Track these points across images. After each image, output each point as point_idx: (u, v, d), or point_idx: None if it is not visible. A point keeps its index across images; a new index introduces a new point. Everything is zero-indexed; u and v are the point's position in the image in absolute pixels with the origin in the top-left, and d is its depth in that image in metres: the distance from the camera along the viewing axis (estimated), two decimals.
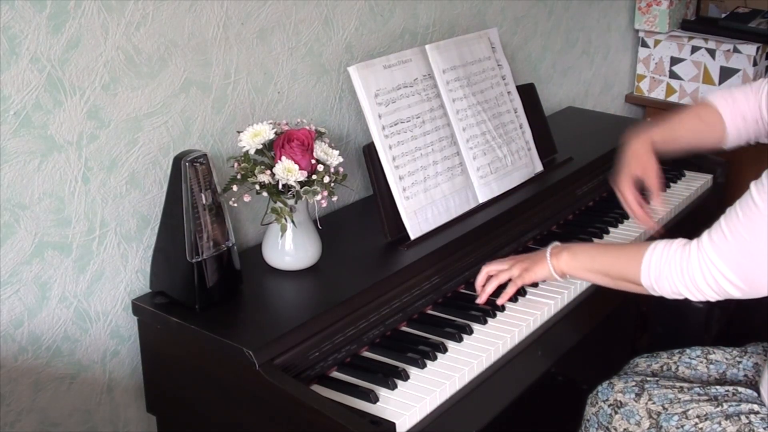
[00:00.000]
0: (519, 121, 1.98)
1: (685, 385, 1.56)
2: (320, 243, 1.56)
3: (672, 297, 1.43)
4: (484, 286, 1.61)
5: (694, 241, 1.38)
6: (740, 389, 1.52)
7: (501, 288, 1.62)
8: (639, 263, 1.43)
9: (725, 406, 1.48)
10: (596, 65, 2.76)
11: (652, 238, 1.83)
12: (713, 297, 1.38)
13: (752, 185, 1.32)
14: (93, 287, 1.47)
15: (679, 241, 1.41)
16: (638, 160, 1.74)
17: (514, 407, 1.55)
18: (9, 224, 1.33)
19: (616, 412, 1.56)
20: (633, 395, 1.56)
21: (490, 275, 1.62)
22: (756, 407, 1.47)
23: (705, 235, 1.37)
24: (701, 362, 1.68)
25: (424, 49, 1.79)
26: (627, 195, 1.75)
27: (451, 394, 1.39)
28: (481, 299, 1.60)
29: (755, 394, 1.52)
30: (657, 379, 1.60)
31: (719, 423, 1.45)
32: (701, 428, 1.46)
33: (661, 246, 1.42)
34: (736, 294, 1.35)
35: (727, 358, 1.67)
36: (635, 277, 1.45)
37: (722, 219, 1.36)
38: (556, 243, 1.61)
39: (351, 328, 1.44)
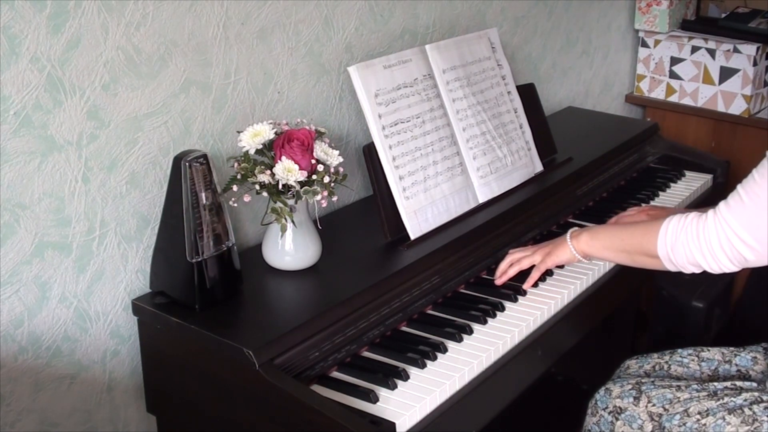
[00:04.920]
0: (519, 121, 1.98)
1: (682, 383, 1.56)
2: (320, 243, 1.56)
3: (688, 269, 1.46)
4: (505, 271, 1.66)
5: (711, 210, 1.42)
6: (738, 383, 1.53)
7: (523, 274, 1.65)
8: (655, 234, 1.47)
9: (726, 399, 1.48)
10: (596, 65, 2.76)
11: None
12: (728, 265, 1.40)
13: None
14: (93, 287, 1.47)
15: (695, 213, 1.45)
16: None
17: (514, 407, 1.55)
18: (9, 224, 1.33)
19: (617, 419, 1.56)
20: (631, 399, 1.56)
21: (513, 263, 1.66)
22: (757, 394, 1.47)
23: (722, 202, 1.41)
24: (693, 360, 1.68)
25: (424, 49, 1.79)
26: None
27: (451, 394, 1.39)
28: (500, 281, 1.65)
29: (755, 384, 1.52)
30: (652, 379, 1.60)
31: (723, 418, 1.45)
32: (704, 424, 1.46)
33: (677, 217, 1.46)
34: (752, 257, 1.37)
35: (722, 355, 1.68)
36: (652, 248, 1.48)
37: (739, 186, 1.39)
38: (575, 228, 1.66)
39: (351, 328, 1.44)
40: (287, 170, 1.43)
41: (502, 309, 1.60)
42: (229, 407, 1.39)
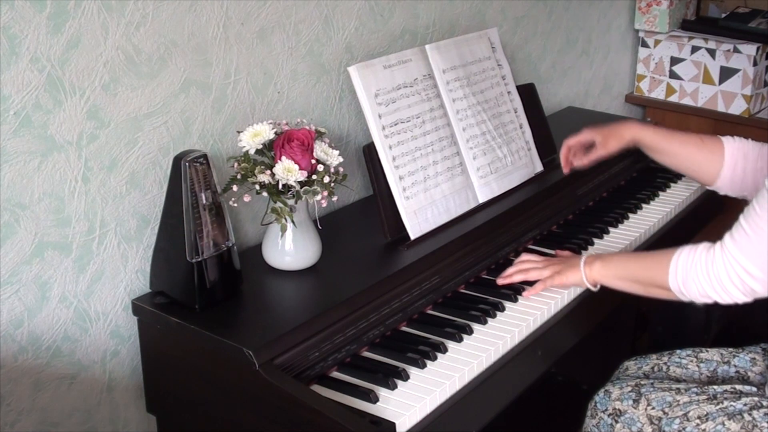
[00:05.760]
0: (519, 121, 1.98)
1: (681, 386, 1.56)
2: (320, 243, 1.56)
3: (701, 300, 1.46)
4: (510, 275, 1.66)
5: (718, 243, 1.42)
6: (738, 387, 1.53)
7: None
8: (666, 268, 1.47)
9: (725, 404, 1.48)
10: (596, 65, 2.76)
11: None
12: (740, 297, 1.40)
13: (766, 181, 1.35)
14: (93, 287, 1.47)
15: (704, 245, 1.44)
16: (608, 137, 1.84)
17: (514, 407, 1.55)
18: (9, 224, 1.33)
19: (616, 422, 1.56)
20: (631, 401, 1.55)
21: (521, 270, 1.66)
22: (756, 399, 1.47)
23: (727, 235, 1.41)
24: (692, 361, 1.68)
25: (424, 49, 1.79)
26: (567, 143, 1.92)
27: (451, 394, 1.39)
28: (501, 281, 1.65)
29: (754, 389, 1.52)
30: (651, 381, 1.60)
31: (722, 423, 1.45)
32: (703, 429, 1.46)
33: (687, 250, 1.46)
34: (759, 288, 1.38)
35: (721, 356, 1.68)
36: (663, 281, 1.48)
37: (741, 217, 1.39)
38: (590, 252, 1.66)
39: (351, 328, 1.44)
40: (287, 170, 1.43)
41: (502, 309, 1.60)
42: (229, 407, 1.39)
